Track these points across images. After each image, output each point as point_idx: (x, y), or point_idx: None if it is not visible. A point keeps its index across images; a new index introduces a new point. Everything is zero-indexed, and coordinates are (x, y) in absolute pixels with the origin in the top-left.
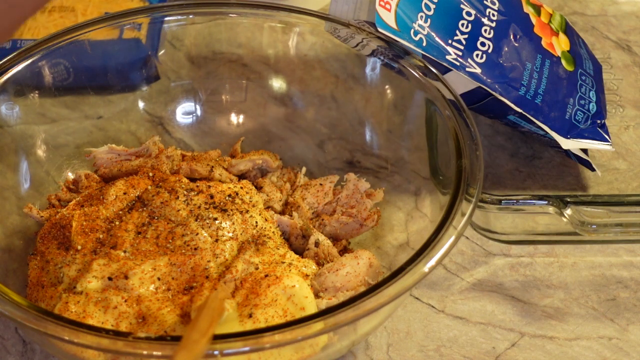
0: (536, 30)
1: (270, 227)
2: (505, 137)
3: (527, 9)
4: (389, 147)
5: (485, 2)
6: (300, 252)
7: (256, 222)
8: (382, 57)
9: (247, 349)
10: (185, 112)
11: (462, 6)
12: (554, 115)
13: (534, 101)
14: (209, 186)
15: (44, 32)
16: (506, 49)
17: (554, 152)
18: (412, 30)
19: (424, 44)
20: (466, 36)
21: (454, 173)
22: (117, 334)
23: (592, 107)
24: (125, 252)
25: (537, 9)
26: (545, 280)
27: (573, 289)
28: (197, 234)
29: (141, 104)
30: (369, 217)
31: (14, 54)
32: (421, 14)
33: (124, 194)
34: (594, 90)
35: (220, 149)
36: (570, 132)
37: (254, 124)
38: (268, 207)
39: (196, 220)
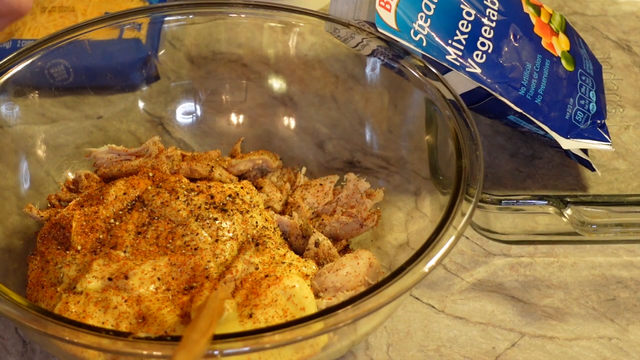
0: (536, 30)
1: (271, 227)
2: (505, 137)
3: (527, 9)
4: (389, 147)
5: (485, 2)
6: (300, 252)
7: (256, 222)
8: (382, 57)
9: (247, 349)
10: (185, 112)
11: (462, 6)
12: (554, 115)
13: (534, 101)
14: (209, 186)
15: (44, 32)
16: (506, 49)
17: (554, 152)
18: (412, 30)
19: (424, 44)
20: (466, 36)
21: (454, 173)
22: (117, 334)
23: (592, 107)
24: (125, 252)
25: (537, 9)
26: (545, 280)
27: (573, 289)
28: (197, 234)
29: (141, 104)
30: (369, 217)
31: (14, 54)
32: (421, 14)
33: (124, 194)
34: (594, 90)
35: (220, 149)
36: (570, 132)
37: (254, 124)
38: (268, 207)
39: (196, 220)
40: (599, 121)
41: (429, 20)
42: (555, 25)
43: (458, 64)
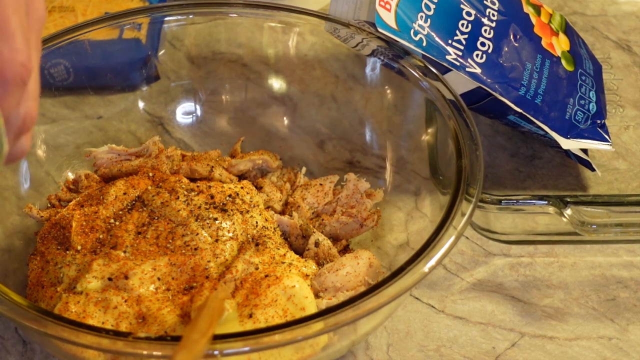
0: (536, 30)
1: (271, 227)
2: (505, 137)
3: (527, 9)
4: (389, 147)
5: (485, 2)
6: (300, 252)
7: (256, 222)
8: (382, 57)
9: (247, 349)
10: (185, 112)
11: (462, 6)
12: (554, 115)
13: (534, 101)
14: (209, 186)
15: (44, 32)
16: (506, 49)
17: (554, 152)
18: (412, 30)
19: (424, 44)
20: (466, 36)
21: (454, 173)
22: (117, 334)
23: (592, 107)
24: (125, 252)
25: (537, 9)
26: (545, 280)
27: (573, 289)
28: (197, 234)
29: (141, 104)
30: (369, 217)
31: None
32: (421, 14)
33: (124, 194)
34: (594, 90)
35: (220, 149)
36: (570, 132)
37: (254, 124)
38: (268, 207)
39: (196, 220)
40: (599, 121)
41: (429, 20)
42: (555, 25)
43: (458, 64)
